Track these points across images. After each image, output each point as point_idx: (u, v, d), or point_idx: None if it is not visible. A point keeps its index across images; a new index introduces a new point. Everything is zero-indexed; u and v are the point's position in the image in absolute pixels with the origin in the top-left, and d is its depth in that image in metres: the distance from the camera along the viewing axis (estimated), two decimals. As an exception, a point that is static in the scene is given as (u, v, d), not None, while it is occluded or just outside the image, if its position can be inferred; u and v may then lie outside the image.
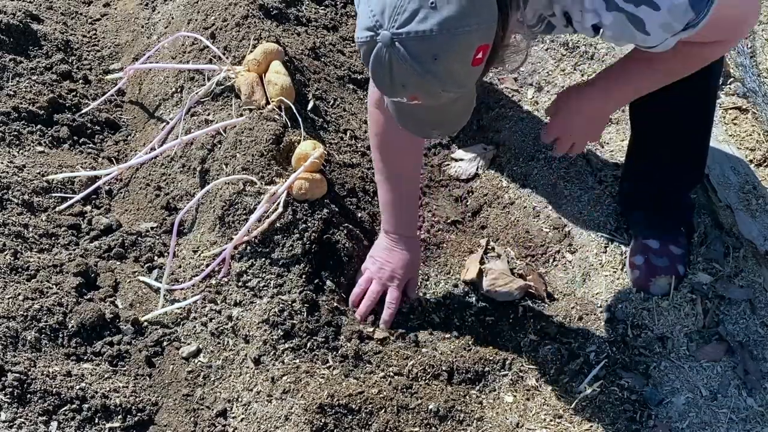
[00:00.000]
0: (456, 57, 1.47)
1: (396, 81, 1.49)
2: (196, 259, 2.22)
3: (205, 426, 1.98)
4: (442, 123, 1.66)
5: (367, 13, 1.48)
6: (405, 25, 1.44)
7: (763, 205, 2.38)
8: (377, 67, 1.49)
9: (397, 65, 1.47)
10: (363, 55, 1.52)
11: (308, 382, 2.00)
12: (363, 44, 1.50)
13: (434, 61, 1.45)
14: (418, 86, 1.49)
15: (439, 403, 2.04)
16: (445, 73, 1.48)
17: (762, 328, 2.22)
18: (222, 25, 2.59)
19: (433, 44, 1.44)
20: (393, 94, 1.55)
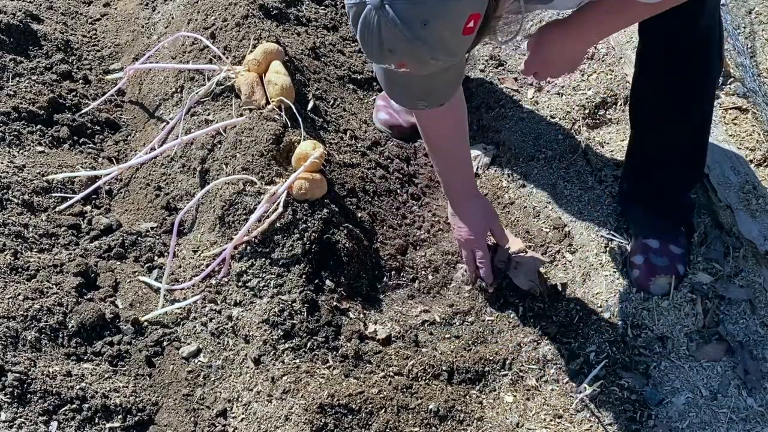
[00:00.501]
0: (446, 24, 1.44)
1: (384, 46, 1.46)
2: (196, 259, 2.22)
3: (205, 426, 1.98)
4: (429, 94, 1.63)
5: None
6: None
7: (763, 205, 2.38)
8: (365, 31, 1.46)
9: (386, 29, 1.44)
10: (351, 18, 1.49)
11: (308, 382, 2.00)
12: (352, 7, 1.47)
13: (424, 27, 1.42)
14: (406, 52, 1.46)
15: (439, 403, 2.04)
16: (435, 40, 1.45)
17: (762, 328, 2.22)
18: (222, 25, 2.59)
19: (423, 9, 1.41)
20: (381, 60, 1.51)
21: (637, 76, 2.23)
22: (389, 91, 1.67)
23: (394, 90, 1.65)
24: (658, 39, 2.07)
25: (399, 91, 1.64)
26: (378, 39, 1.46)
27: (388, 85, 1.65)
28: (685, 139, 2.24)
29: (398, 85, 1.62)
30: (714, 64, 2.18)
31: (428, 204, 2.55)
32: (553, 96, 2.76)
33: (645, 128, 2.27)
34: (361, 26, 1.46)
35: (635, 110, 2.28)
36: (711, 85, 2.23)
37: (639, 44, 2.16)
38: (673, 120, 2.19)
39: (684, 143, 2.24)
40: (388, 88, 1.66)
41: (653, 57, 2.12)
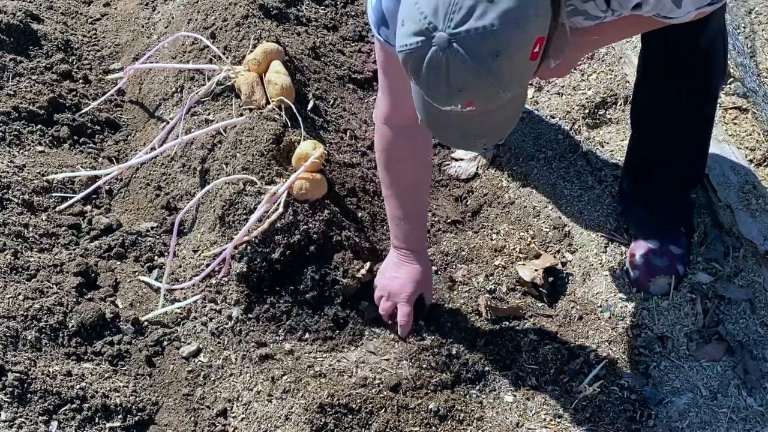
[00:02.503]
0: (517, 51, 1.38)
1: (453, 86, 1.39)
2: (196, 259, 2.22)
3: (205, 426, 1.98)
4: (489, 131, 1.54)
5: (415, 17, 1.37)
6: (463, 23, 1.34)
7: (763, 205, 2.38)
8: (432, 74, 1.38)
9: (455, 68, 1.36)
10: (412, 62, 1.41)
11: (308, 382, 2.00)
12: (412, 51, 1.39)
13: (495, 59, 1.36)
14: (476, 89, 1.39)
15: (439, 403, 2.04)
16: (506, 70, 1.38)
17: (762, 327, 2.22)
18: (222, 24, 2.59)
19: (494, 40, 1.34)
20: (448, 102, 1.42)
21: (639, 83, 2.22)
22: (442, 135, 1.59)
23: (449, 133, 1.56)
24: (663, 46, 2.05)
25: (455, 133, 1.55)
26: (446, 80, 1.39)
27: (442, 131, 1.56)
28: (686, 142, 2.24)
29: (454, 127, 1.52)
30: (718, 69, 2.16)
31: (428, 204, 2.55)
32: (553, 96, 2.76)
33: (646, 132, 2.27)
34: (427, 69, 1.39)
35: (637, 115, 2.27)
36: (715, 91, 2.22)
37: (642, 51, 2.15)
38: (675, 125, 2.18)
39: (685, 146, 2.24)
40: (442, 134, 1.57)
41: (657, 64, 2.11)
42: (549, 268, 2.35)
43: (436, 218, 2.51)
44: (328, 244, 2.18)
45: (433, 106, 1.46)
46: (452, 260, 2.39)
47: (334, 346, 2.12)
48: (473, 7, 1.34)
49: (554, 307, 2.30)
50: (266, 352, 2.06)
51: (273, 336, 2.10)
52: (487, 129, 1.52)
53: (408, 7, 1.39)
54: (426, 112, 1.53)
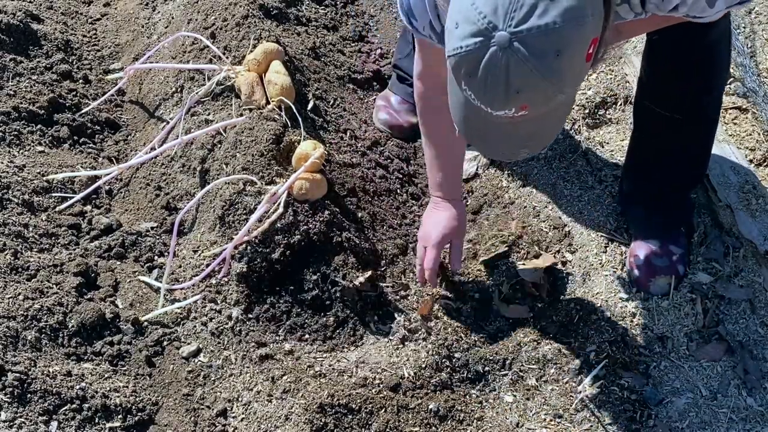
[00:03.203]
0: (576, 50, 1.36)
1: (511, 87, 1.35)
2: (196, 259, 2.22)
3: (205, 426, 1.98)
4: (535, 138, 1.50)
5: (472, 18, 1.34)
6: (524, 21, 1.31)
7: (763, 205, 2.38)
8: (490, 76, 1.35)
9: (515, 68, 1.33)
10: (467, 65, 1.37)
11: (308, 382, 2.00)
12: (468, 53, 1.35)
13: (556, 58, 1.33)
14: (534, 90, 1.36)
15: (439, 403, 2.04)
16: (566, 70, 1.36)
17: (762, 327, 2.22)
18: (222, 24, 2.59)
19: (556, 37, 1.32)
20: (503, 106, 1.38)
21: (643, 81, 2.21)
22: (484, 145, 1.56)
23: (491, 142, 1.52)
24: (670, 45, 2.04)
25: (498, 142, 1.51)
26: (505, 81, 1.35)
27: (482, 138, 1.52)
28: (688, 142, 2.23)
29: (499, 135, 1.48)
30: (723, 69, 2.15)
31: (428, 204, 2.55)
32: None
33: (648, 131, 2.26)
34: (484, 71, 1.35)
35: (639, 114, 2.26)
36: (719, 92, 2.21)
37: (647, 49, 2.13)
38: (678, 125, 2.16)
39: (687, 146, 2.23)
40: (481, 141, 1.54)
41: (663, 63, 2.09)
42: (549, 268, 2.35)
43: (436, 218, 2.51)
44: (328, 244, 2.18)
45: (478, 113, 1.42)
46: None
47: (334, 346, 2.12)
48: (534, 5, 1.31)
49: (554, 307, 2.30)
50: (266, 352, 2.06)
51: (273, 336, 2.10)
52: (533, 136, 1.49)
53: (463, 8, 1.36)
54: (466, 122, 1.49)
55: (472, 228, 2.50)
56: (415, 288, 2.29)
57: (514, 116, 1.39)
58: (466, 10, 1.35)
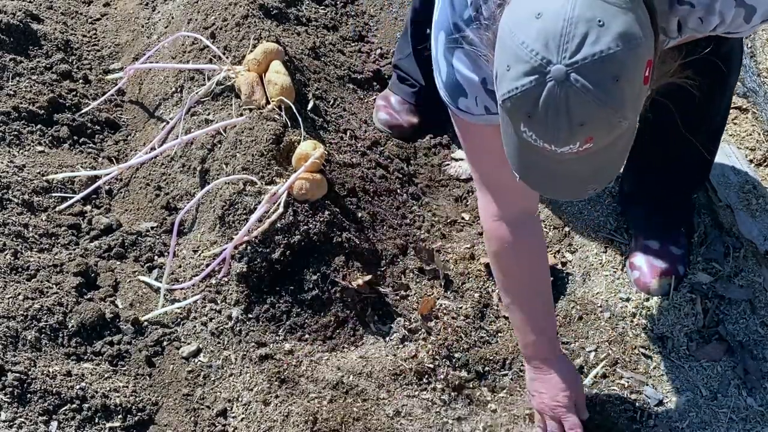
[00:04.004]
0: (633, 74, 1.32)
1: (574, 121, 1.30)
2: (196, 258, 2.22)
3: (205, 426, 1.98)
4: (601, 171, 1.45)
5: (523, 56, 1.30)
6: (578, 51, 1.27)
7: (763, 205, 2.38)
8: (550, 111, 1.30)
9: (575, 100, 1.29)
10: (525, 104, 1.32)
11: (308, 382, 2.01)
12: (525, 92, 1.30)
13: (615, 84, 1.30)
14: (597, 119, 1.32)
15: (439, 403, 2.04)
16: (625, 95, 1.32)
17: (762, 327, 2.22)
18: (222, 24, 2.59)
19: (612, 63, 1.28)
20: (567, 141, 1.33)
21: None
22: (549, 187, 1.49)
23: (557, 183, 1.46)
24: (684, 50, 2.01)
25: (564, 182, 1.45)
26: (567, 116, 1.30)
27: (546, 180, 1.46)
28: (693, 147, 2.20)
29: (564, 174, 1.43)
30: (734, 75, 2.12)
31: (428, 204, 2.55)
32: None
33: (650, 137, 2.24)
34: (544, 108, 1.30)
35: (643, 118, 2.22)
36: (729, 97, 2.19)
37: None
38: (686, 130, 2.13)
39: (692, 151, 2.21)
40: (547, 184, 1.48)
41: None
42: (549, 268, 2.34)
43: (436, 218, 2.51)
44: (328, 244, 2.18)
45: (541, 155, 1.38)
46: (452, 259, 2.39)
47: (334, 346, 2.12)
48: (586, 34, 1.28)
49: (554, 307, 2.29)
50: (266, 352, 2.06)
51: (273, 336, 2.10)
52: (600, 170, 1.45)
53: (512, 49, 1.32)
54: (529, 168, 1.44)
55: (473, 228, 2.50)
56: (415, 288, 2.29)
57: (579, 151, 1.35)
58: (516, 49, 1.31)
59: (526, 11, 1.31)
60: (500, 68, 1.35)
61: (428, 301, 2.22)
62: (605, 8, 1.28)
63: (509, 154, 1.46)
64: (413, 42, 2.68)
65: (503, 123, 1.42)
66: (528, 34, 1.29)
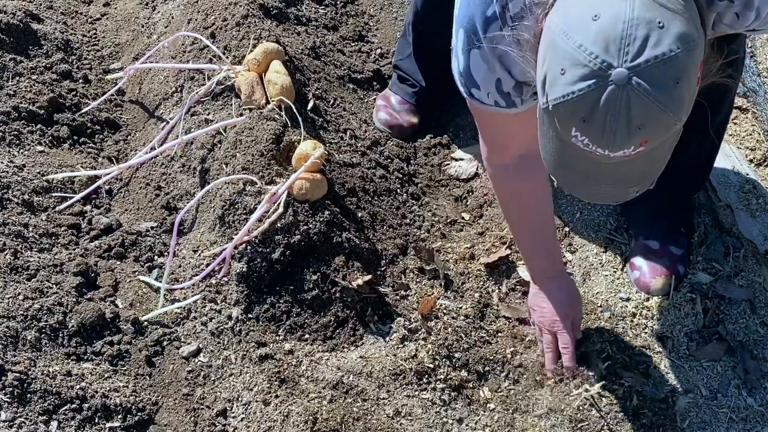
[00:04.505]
0: (691, 75, 1.31)
1: (633, 124, 1.28)
2: (196, 258, 2.22)
3: (205, 426, 1.98)
4: (647, 173, 1.45)
5: (581, 60, 1.27)
6: (640, 54, 1.25)
7: (763, 204, 2.38)
8: (609, 116, 1.28)
9: (637, 103, 1.27)
10: (581, 108, 1.29)
11: (308, 382, 2.01)
12: (582, 97, 1.28)
13: (676, 86, 1.28)
14: (656, 123, 1.30)
15: (439, 402, 2.04)
16: (684, 97, 1.31)
17: (762, 327, 2.22)
18: (222, 24, 2.59)
19: (674, 66, 1.27)
20: (624, 144, 1.31)
21: None
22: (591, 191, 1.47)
23: (600, 188, 1.44)
24: None
25: (607, 186, 1.44)
26: (626, 119, 1.28)
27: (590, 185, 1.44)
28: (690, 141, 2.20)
29: (610, 178, 1.42)
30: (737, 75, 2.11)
31: (428, 204, 2.55)
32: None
33: None
34: (603, 112, 1.28)
35: None
36: (730, 99, 2.18)
37: None
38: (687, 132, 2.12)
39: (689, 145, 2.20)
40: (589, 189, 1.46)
41: None
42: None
43: (436, 218, 2.51)
44: (328, 244, 2.18)
45: (587, 159, 1.36)
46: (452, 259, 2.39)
47: (334, 346, 2.12)
48: (647, 37, 1.26)
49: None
50: (266, 352, 2.06)
51: (273, 336, 2.10)
52: (645, 173, 1.44)
53: (567, 53, 1.29)
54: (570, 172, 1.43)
55: (473, 228, 2.50)
56: (415, 288, 2.29)
57: (630, 154, 1.34)
58: (573, 53, 1.28)
59: (581, 13, 1.28)
60: (552, 71, 1.31)
61: (428, 301, 2.22)
62: (662, 9, 1.26)
63: (548, 158, 1.43)
64: (414, 45, 2.68)
65: (544, 127, 1.39)
66: (585, 36, 1.26)
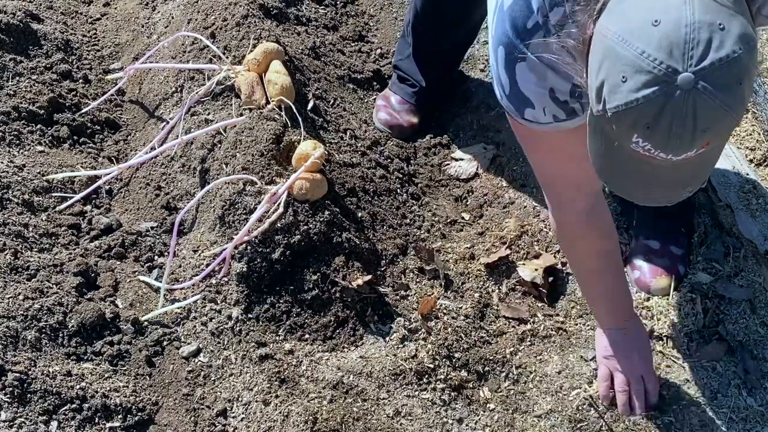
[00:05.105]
0: (752, 74, 1.30)
1: (699, 127, 1.27)
2: (196, 258, 2.22)
3: (205, 426, 1.98)
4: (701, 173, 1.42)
5: (644, 66, 1.25)
6: (704, 57, 1.24)
7: (763, 204, 2.38)
8: (675, 121, 1.26)
9: (702, 107, 1.25)
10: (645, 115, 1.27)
11: (308, 382, 2.01)
12: (647, 103, 1.26)
13: (739, 87, 1.27)
14: (721, 125, 1.29)
15: (439, 403, 2.04)
16: (746, 97, 1.30)
17: (762, 327, 2.22)
18: (222, 24, 2.59)
19: (737, 66, 1.26)
20: (688, 148, 1.29)
21: None
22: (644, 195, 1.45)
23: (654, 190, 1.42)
24: None
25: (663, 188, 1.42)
26: (692, 123, 1.26)
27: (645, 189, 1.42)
28: None
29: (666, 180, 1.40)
30: None
31: (428, 204, 2.55)
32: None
33: None
34: (668, 118, 1.26)
35: None
36: None
37: None
38: None
39: None
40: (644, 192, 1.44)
41: None
42: (549, 268, 2.35)
43: (436, 218, 2.51)
44: (328, 244, 2.18)
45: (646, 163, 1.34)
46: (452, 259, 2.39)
47: (334, 346, 2.12)
48: (710, 39, 1.24)
49: (554, 307, 2.30)
50: (266, 352, 2.06)
51: (273, 336, 2.10)
52: (702, 171, 1.42)
53: (629, 60, 1.27)
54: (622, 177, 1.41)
55: (473, 228, 2.50)
56: (415, 288, 2.29)
57: (691, 156, 1.32)
58: (635, 59, 1.26)
59: (639, 19, 1.27)
60: (612, 79, 1.29)
61: (428, 301, 2.22)
62: (721, 10, 1.26)
63: (600, 165, 1.43)
64: (413, 46, 2.68)
65: (598, 135, 1.38)
66: (648, 42, 1.25)
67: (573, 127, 1.66)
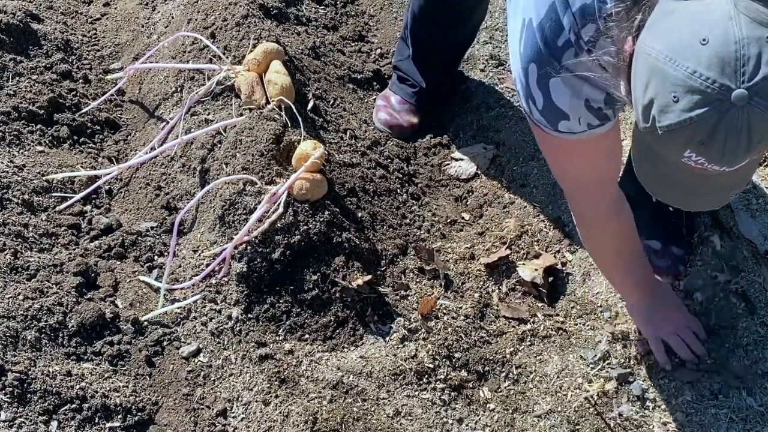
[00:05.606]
0: None
1: (754, 141, 1.28)
2: (196, 258, 2.22)
3: (205, 426, 1.98)
4: (745, 177, 1.43)
5: (696, 86, 1.25)
6: (756, 72, 1.24)
7: (763, 204, 2.38)
8: (730, 137, 1.26)
9: (757, 121, 1.25)
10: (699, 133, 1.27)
11: (308, 382, 2.00)
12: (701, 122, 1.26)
13: None
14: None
15: (439, 403, 2.04)
16: None
17: (762, 327, 2.22)
18: (222, 24, 2.59)
19: None
20: (743, 159, 1.31)
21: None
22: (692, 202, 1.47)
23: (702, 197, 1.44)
24: None
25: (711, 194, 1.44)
26: (747, 137, 1.27)
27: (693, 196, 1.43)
28: None
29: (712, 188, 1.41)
30: None
31: (428, 204, 2.55)
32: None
33: None
34: (723, 134, 1.26)
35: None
36: None
37: None
38: None
39: None
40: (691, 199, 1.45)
41: None
42: (549, 268, 2.35)
43: (436, 218, 2.51)
44: (328, 244, 2.18)
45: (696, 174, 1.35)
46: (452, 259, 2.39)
47: (334, 346, 2.12)
48: (759, 54, 1.25)
49: (554, 307, 2.30)
50: (266, 352, 2.06)
51: (273, 336, 2.10)
52: (747, 175, 1.43)
53: (679, 79, 1.27)
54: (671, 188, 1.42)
55: (472, 228, 2.50)
56: (415, 288, 2.29)
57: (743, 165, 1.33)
58: (686, 79, 1.26)
59: (686, 37, 1.27)
60: (662, 98, 1.29)
61: (428, 301, 2.22)
62: (764, 23, 1.25)
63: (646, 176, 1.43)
64: (412, 48, 2.69)
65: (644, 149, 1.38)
66: (698, 61, 1.25)
67: (603, 133, 1.69)
